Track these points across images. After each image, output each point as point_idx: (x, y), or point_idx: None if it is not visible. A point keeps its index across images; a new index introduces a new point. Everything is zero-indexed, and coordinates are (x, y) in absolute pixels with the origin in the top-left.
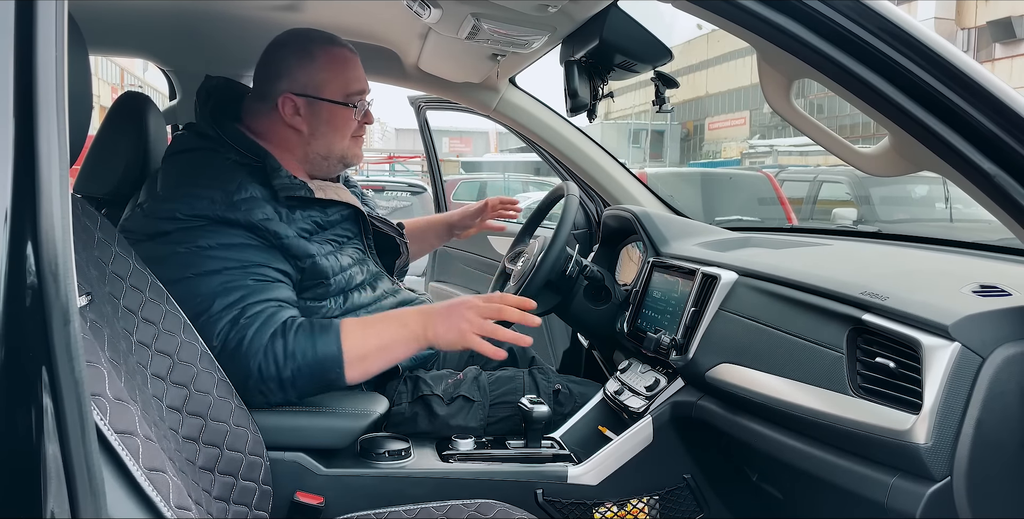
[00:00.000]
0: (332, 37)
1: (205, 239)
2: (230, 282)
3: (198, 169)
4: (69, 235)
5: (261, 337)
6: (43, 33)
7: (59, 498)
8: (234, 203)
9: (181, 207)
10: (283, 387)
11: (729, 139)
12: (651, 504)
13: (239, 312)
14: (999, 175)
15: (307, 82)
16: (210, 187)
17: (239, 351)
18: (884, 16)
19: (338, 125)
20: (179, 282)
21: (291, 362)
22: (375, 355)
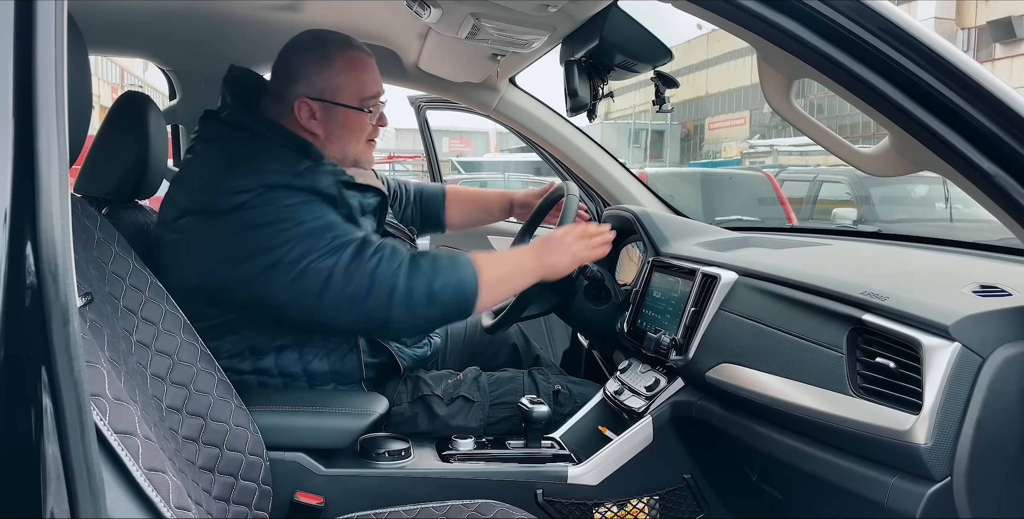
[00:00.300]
0: (349, 40)
1: (287, 200)
2: (331, 226)
3: (246, 152)
4: (69, 235)
5: (400, 256)
6: (43, 33)
7: (59, 498)
8: (300, 173)
9: (255, 180)
10: (430, 303)
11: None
12: (651, 504)
13: (360, 240)
14: (999, 175)
15: (323, 87)
16: (272, 161)
17: (379, 270)
18: (884, 16)
19: (353, 129)
20: (275, 237)
21: (439, 278)
22: (502, 283)
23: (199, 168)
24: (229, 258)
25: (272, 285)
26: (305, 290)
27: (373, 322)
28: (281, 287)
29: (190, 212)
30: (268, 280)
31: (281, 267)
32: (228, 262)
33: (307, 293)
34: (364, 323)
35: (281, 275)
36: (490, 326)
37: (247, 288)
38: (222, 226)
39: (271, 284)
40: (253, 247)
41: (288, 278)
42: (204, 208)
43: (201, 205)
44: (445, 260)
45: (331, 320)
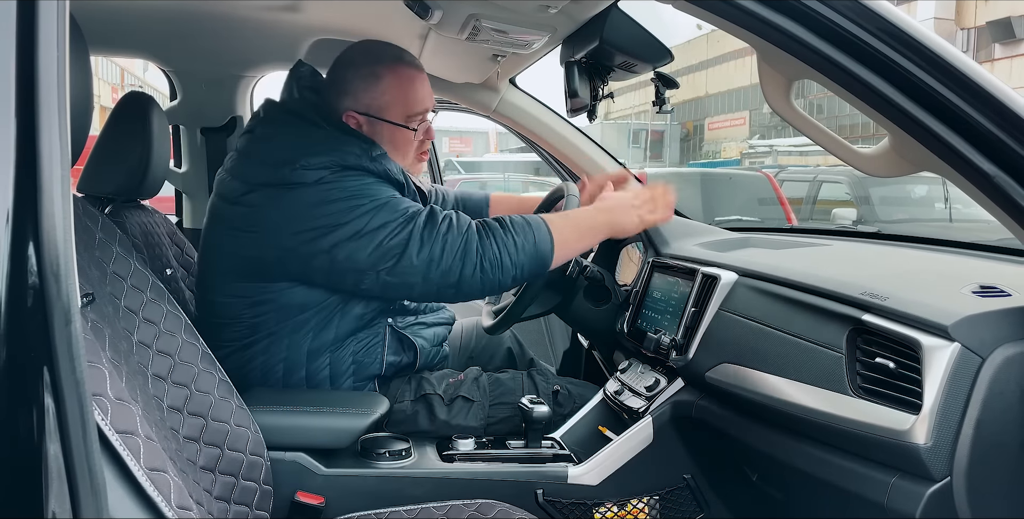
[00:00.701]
0: (400, 54)
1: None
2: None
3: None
4: (71, 235)
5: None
6: (44, 33)
7: (60, 498)
8: (375, 158)
9: (334, 159)
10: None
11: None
12: (651, 504)
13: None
14: (999, 176)
15: (370, 103)
16: (348, 143)
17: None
18: (883, 17)
19: (399, 145)
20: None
21: (512, 239)
22: (573, 240)
23: (272, 146)
24: (309, 229)
25: (354, 253)
26: (385, 256)
27: (447, 284)
28: (362, 255)
29: (265, 185)
30: (350, 249)
31: (361, 236)
32: (308, 233)
33: (387, 258)
34: (438, 285)
35: (363, 244)
36: (491, 326)
37: (329, 256)
38: (302, 199)
39: (353, 253)
40: (333, 220)
41: (370, 246)
42: (281, 182)
43: (278, 179)
44: (519, 221)
45: (407, 283)
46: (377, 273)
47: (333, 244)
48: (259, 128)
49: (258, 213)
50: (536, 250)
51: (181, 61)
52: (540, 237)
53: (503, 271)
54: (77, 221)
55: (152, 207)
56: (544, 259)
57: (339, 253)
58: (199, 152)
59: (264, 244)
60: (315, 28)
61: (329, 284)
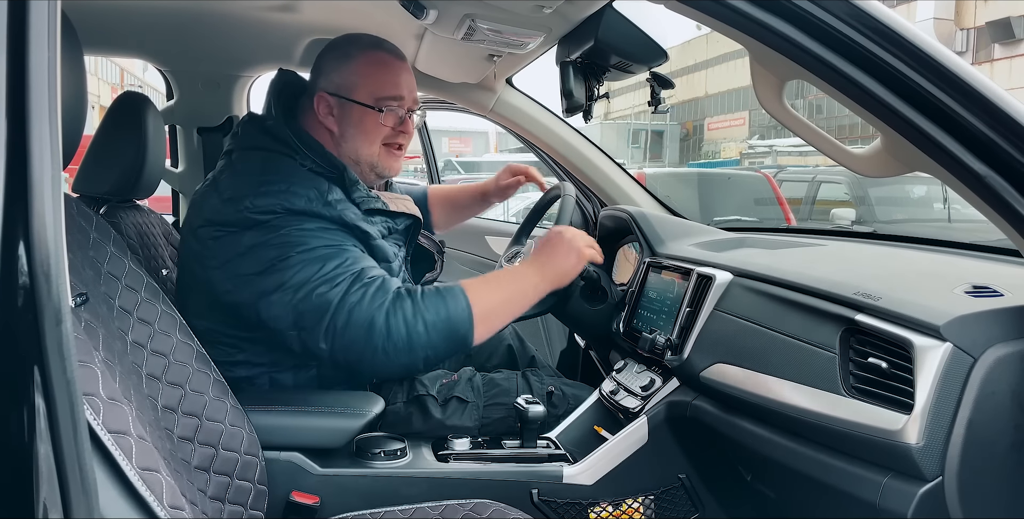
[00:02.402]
0: (379, 42)
1: (308, 226)
2: (339, 254)
3: (281, 169)
4: (62, 235)
5: (385, 294)
6: (36, 33)
7: (51, 498)
8: (329, 202)
9: (282, 202)
10: (411, 345)
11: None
12: (646, 504)
13: (357, 273)
14: (990, 176)
15: (340, 82)
16: (304, 186)
17: (360, 307)
18: (875, 17)
19: (366, 129)
20: (285, 259)
21: (421, 318)
22: (500, 309)
23: (231, 179)
24: (241, 274)
25: (277, 307)
26: (304, 316)
27: (355, 358)
28: (280, 312)
29: (212, 223)
30: (274, 301)
31: (286, 289)
32: (239, 278)
33: (306, 319)
34: (346, 360)
35: (286, 297)
36: None
37: (256, 307)
38: (240, 241)
39: (276, 305)
40: (264, 266)
41: (292, 302)
42: (225, 221)
43: (223, 218)
44: (431, 297)
45: (322, 350)
46: (298, 334)
47: (258, 295)
48: (234, 151)
49: (205, 250)
50: (449, 328)
51: (177, 61)
52: (455, 312)
53: (411, 352)
54: (71, 221)
55: (148, 207)
56: (461, 337)
57: (261, 308)
58: (196, 152)
59: (212, 281)
60: (311, 28)
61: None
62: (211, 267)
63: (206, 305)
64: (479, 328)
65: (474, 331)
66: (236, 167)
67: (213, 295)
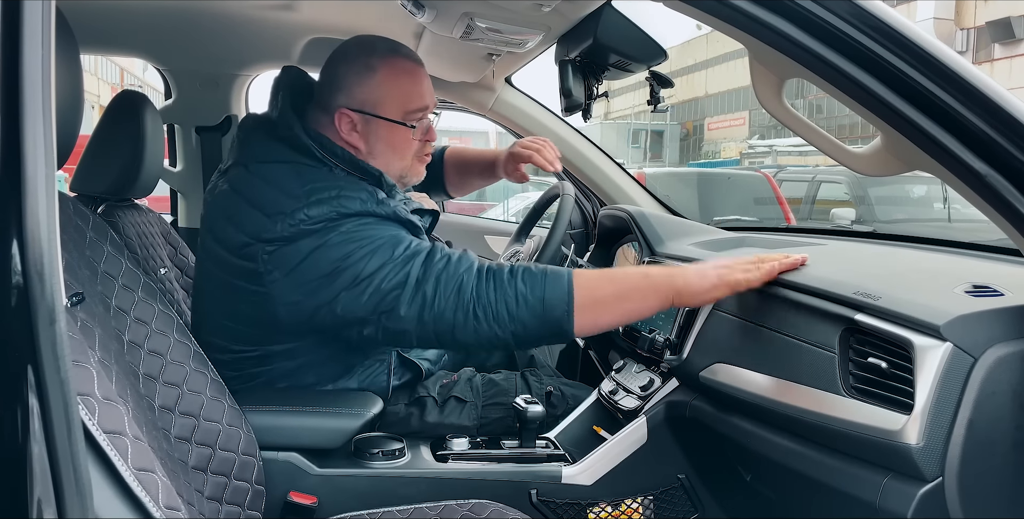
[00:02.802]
0: (396, 47)
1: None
2: (403, 239)
3: (321, 178)
4: (55, 234)
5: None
6: (30, 31)
7: (46, 498)
8: (381, 201)
9: (336, 208)
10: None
11: (728, 139)
12: (645, 504)
13: (430, 247)
14: (990, 174)
15: (364, 98)
16: (354, 189)
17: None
18: (876, 15)
19: (396, 145)
20: (350, 256)
21: (515, 287)
22: (610, 302)
23: (266, 192)
24: (310, 280)
25: (352, 302)
26: (382, 300)
27: (442, 330)
28: (360, 302)
29: (266, 241)
30: (348, 298)
31: (358, 283)
32: (309, 284)
33: (385, 302)
34: (435, 331)
35: (360, 290)
36: None
37: (331, 307)
38: (301, 249)
39: (351, 302)
40: (330, 268)
41: (367, 292)
42: (281, 236)
43: (278, 233)
44: (530, 271)
45: (405, 330)
46: (378, 319)
47: (333, 295)
48: (253, 165)
49: (262, 266)
50: (543, 308)
51: (176, 60)
52: (552, 293)
53: (499, 324)
54: (68, 220)
55: (146, 206)
56: (555, 322)
57: (338, 305)
58: (194, 151)
59: (270, 301)
60: (310, 27)
61: (336, 337)
62: (273, 281)
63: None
64: (581, 317)
65: (574, 319)
66: (267, 178)
67: (268, 310)
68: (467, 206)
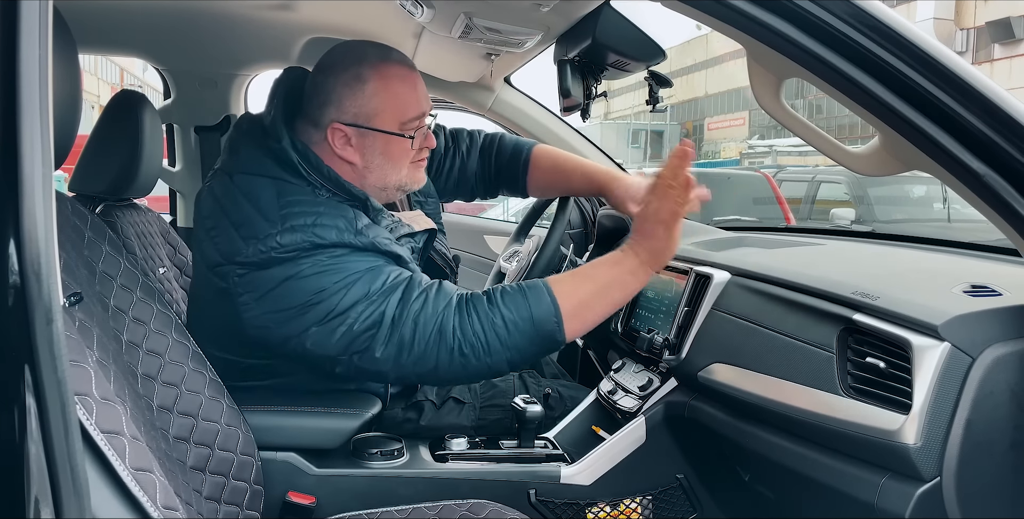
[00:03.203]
0: (387, 53)
1: (339, 252)
2: (381, 271)
3: (300, 201)
4: (53, 234)
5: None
6: (27, 31)
7: (43, 498)
8: (359, 230)
9: (310, 238)
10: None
11: (728, 139)
12: (644, 504)
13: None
14: (988, 174)
15: (357, 111)
16: (331, 216)
17: (425, 313)
18: (873, 15)
19: (394, 156)
20: (324, 291)
21: (500, 316)
22: (593, 301)
23: (244, 210)
24: (280, 309)
25: (323, 339)
26: (354, 341)
27: (424, 371)
28: (331, 340)
29: (235, 262)
30: (319, 335)
31: (334, 317)
32: (279, 313)
33: (357, 343)
34: (415, 372)
35: (331, 327)
36: None
37: (301, 339)
38: (273, 276)
39: (322, 338)
40: (304, 299)
41: (339, 330)
42: (250, 261)
43: (247, 258)
44: (509, 294)
45: (380, 371)
46: (350, 358)
47: (303, 328)
48: (238, 175)
49: (233, 288)
50: (534, 327)
51: (175, 60)
52: (539, 310)
53: (491, 355)
54: (66, 220)
55: (145, 206)
56: (548, 336)
57: (307, 339)
58: (193, 151)
59: (241, 319)
60: (309, 27)
61: (307, 365)
62: (244, 303)
63: (227, 336)
64: (570, 324)
65: (564, 328)
66: (247, 193)
67: (242, 329)
68: (467, 206)
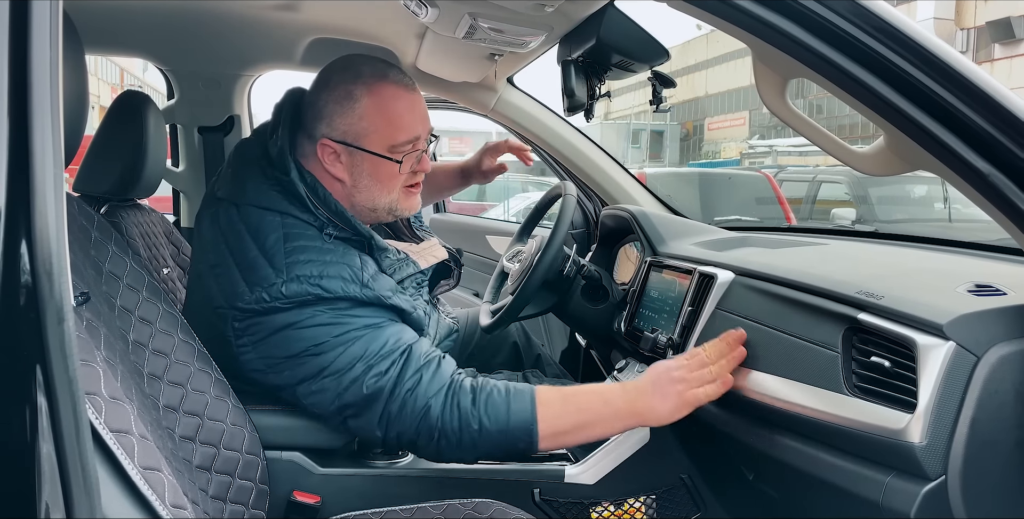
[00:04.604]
0: (384, 71)
1: (341, 305)
2: (381, 333)
3: (306, 245)
4: (64, 234)
5: (442, 379)
6: (38, 32)
7: (53, 497)
8: (364, 282)
9: (314, 291)
10: (462, 442)
11: (729, 139)
12: (648, 503)
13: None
14: (993, 174)
15: (346, 129)
16: (337, 267)
17: (416, 394)
18: (879, 15)
19: (382, 178)
20: (322, 344)
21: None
22: (572, 433)
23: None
24: (277, 356)
25: (319, 393)
26: (352, 405)
27: (407, 443)
28: (329, 397)
29: (236, 308)
30: (316, 388)
31: (327, 375)
32: (276, 360)
33: (354, 407)
34: (399, 442)
35: (329, 383)
36: (488, 325)
37: (294, 390)
38: (272, 323)
39: (318, 392)
40: (300, 350)
41: (337, 389)
42: (252, 309)
43: (249, 305)
44: (495, 399)
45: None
46: (343, 421)
47: (297, 380)
48: (245, 207)
49: (231, 331)
50: (505, 438)
51: (178, 60)
52: (515, 424)
53: (460, 449)
54: (72, 221)
55: (149, 206)
56: (518, 449)
57: (298, 390)
58: (196, 151)
59: (238, 362)
60: (312, 27)
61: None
62: (242, 346)
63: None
64: (544, 443)
65: (537, 445)
66: (255, 231)
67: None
68: (468, 206)
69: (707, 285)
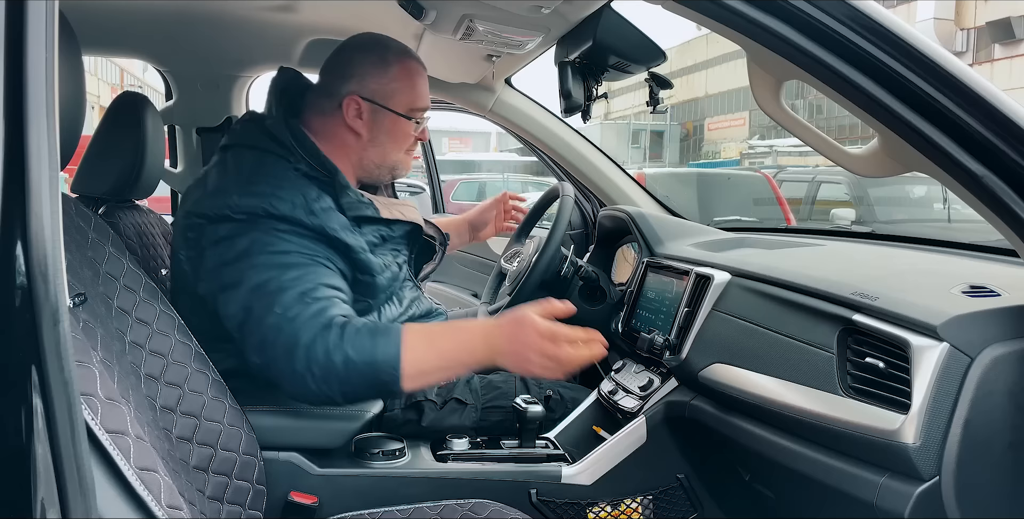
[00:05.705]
0: (407, 49)
1: (282, 227)
2: (303, 265)
3: (272, 172)
4: (59, 235)
5: (319, 318)
6: (33, 33)
7: (49, 498)
8: (313, 211)
9: (264, 205)
10: (327, 377)
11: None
12: (644, 504)
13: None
14: (987, 176)
15: (377, 89)
16: (291, 191)
17: (291, 326)
18: (871, 17)
19: (397, 137)
20: (251, 256)
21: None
22: (434, 373)
23: (220, 174)
24: (210, 264)
25: (231, 304)
26: (247, 323)
27: (275, 375)
28: (236, 310)
29: (193, 214)
30: (230, 298)
31: (240, 287)
32: (208, 268)
33: (247, 327)
34: (268, 375)
35: (239, 295)
36: None
37: (215, 299)
38: (216, 232)
39: (231, 302)
40: (230, 257)
41: (243, 302)
42: (205, 213)
43: (204, 210)
44: (362, 334)
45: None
46: (240, 337)
47: (219, 287)
48: (230, 149)
49: (184, 242)
50: (371, 371)
51: (177, 61)
52: (381, 357)
53: (327, 383)
54: (70, 221)
55: (147, 207)
56: (384, 384)
57: (220, 299)
58: (195, 152)
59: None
60: (310, 28)
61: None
62: (187, 258)
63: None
64: (408, 382)
65: (401, 383)
66: (228, 163)
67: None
68: (467, 206)
69: (704, 286)
